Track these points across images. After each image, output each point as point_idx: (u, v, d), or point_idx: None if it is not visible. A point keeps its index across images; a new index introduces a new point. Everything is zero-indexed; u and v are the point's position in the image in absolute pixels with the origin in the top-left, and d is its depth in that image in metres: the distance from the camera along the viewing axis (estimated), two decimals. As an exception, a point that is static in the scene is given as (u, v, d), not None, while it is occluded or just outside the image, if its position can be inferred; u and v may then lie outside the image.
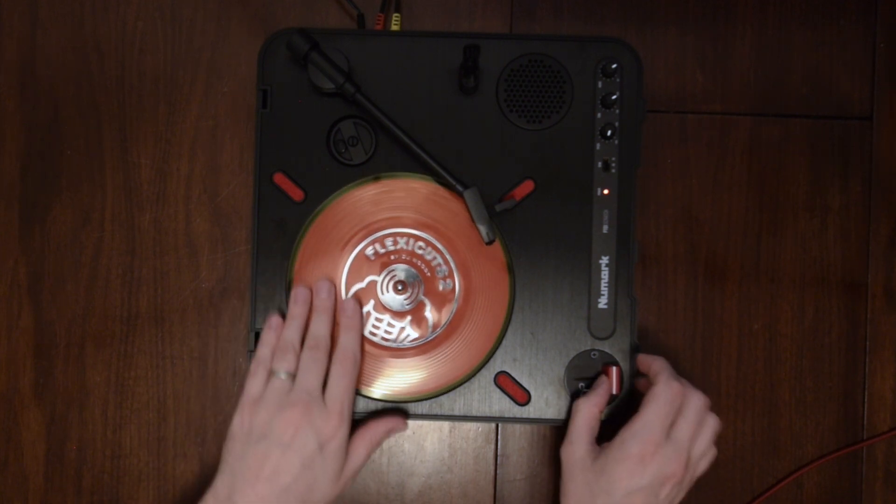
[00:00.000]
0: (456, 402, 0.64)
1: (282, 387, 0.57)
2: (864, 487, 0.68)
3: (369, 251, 0.64)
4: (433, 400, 0.64)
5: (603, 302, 0.64)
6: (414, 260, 0.64)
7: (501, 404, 0.64)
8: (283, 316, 0.62)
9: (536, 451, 0.68)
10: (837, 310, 0.68)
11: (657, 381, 0.57)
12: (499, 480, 0.68)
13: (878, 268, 0.68)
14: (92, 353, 0.67)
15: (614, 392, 0.62)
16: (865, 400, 0.68)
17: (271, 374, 0.58)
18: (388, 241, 0.64)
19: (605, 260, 0.64)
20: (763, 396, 0.68)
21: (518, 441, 0.68)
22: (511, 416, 0.63)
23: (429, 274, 0.64)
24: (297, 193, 0.64)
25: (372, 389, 0.63)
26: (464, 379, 0.63)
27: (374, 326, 0.63)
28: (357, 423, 0.60)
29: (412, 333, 0.64)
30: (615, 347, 0.64)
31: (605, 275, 0.64)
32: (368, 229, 0.64)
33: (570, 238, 0.64)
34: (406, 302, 0.63)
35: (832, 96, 0.68)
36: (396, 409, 0.63)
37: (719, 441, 0.68)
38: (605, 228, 0.64)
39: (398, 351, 0.64)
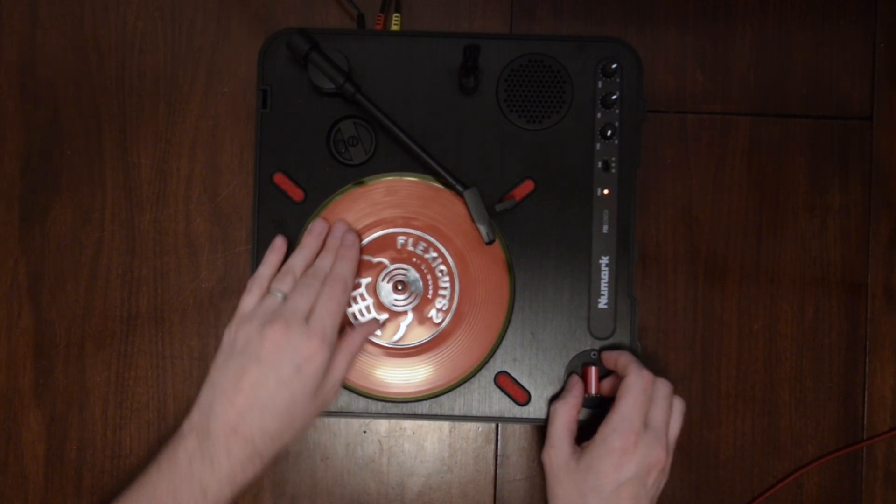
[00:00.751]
0: (456, 402, 0.64)
1: (272, 304, 0.58)
2: (864, 487, 0.68)
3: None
4: (433, 400, 0.64)
5: (603, 302, 0.64)
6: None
7: (501, 404, 0.64)
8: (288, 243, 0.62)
9: (536, 451, 0.68)
10: (837, 310, 0.68)
11: (627, 372, 0.58)
12: (499, 480, 0.68)
13: (878, 268, 0.68)
14: (92, 353, 0.67)
15: (593, 392, 0.62)
16: (865, 400, 0.68)
17: (267, 292, 0.59)
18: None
19: (605, 260, 0.64)
20: (763, 396, 0.68)
21: (518, 441, 0.68)
22: (511, 416, 0.63)
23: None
24: (297, 193, 0.64)
25: (371, 389, 0.63)
26: (464, 379, 0.63)
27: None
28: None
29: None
30: (615, 348, 0.64)
31: (605, 275, 0.64)
32: (368, 229, 0.64)
33: (570, 238, 0.64)
34: (406, 302, 0.63)
35: (832, 96, 0.68)
36: (371, 320, 0.63)
37: (720, 441, 0.68)
38: (605, 228, 0.64)
39: (398, 351, 0.64)
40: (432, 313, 0.63)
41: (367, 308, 0.63)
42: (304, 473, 0.67)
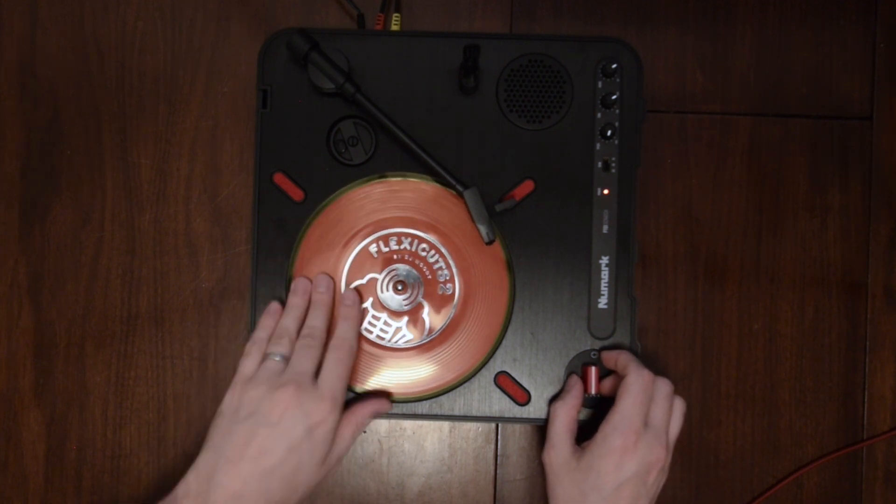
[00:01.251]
0: (456, 402, 0.64)
1: (275, 367, 0.57)
2: (864, 487, 0.68)
3: (369, 251, 0.64)
4: (433, 400, 0.64)
5: (603, 302, 0.64)
6: (414, 260, 0.64)
7: (501, 404, 0.64)
8: (283, 305, 0.62)
9: (536, 451, 0.68)
10: (837, 310, 0.68)
11: (627, 372, 0.58)
12: (499, 480, 0.68)
13: (878, 268, 0.68)
14: (92, 353, 0.67)
15: (593, 392, 0.62)
16: (865, 400, 0.68)
17: (266, 356, 0.58)
18: (388, 241, 0.64)
19: (605, 260, 0.64)
20: (763, 396, 0.68)
21: (518, 441, 0.68)
22: (511, 416, 0.63)
23: (429, 274, 0.64)
24: (297, 193, 0.64)
25: (371, 389, 0.63)
26: (464, 379, 0.63)
27: (371, 325, 0.63)
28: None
29: (411, 333, 0.64)
30: (615, 347, 0.64)
31: (605, 275, 0.64)
32: (368, 229, 0.64)
33: (570, 238, 0.64)
34: (406, 302, 0.63)
35: (832, 96, 0.68)
36: (380, 392, 0.63)
37: (720, 441, 0.68)
38: (605, 228, 0.64)
39: (398, 351, 0.64)
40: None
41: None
42: (304, 473, 0.67)
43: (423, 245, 0.64)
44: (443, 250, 0.64)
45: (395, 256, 0.64)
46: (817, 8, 0.69)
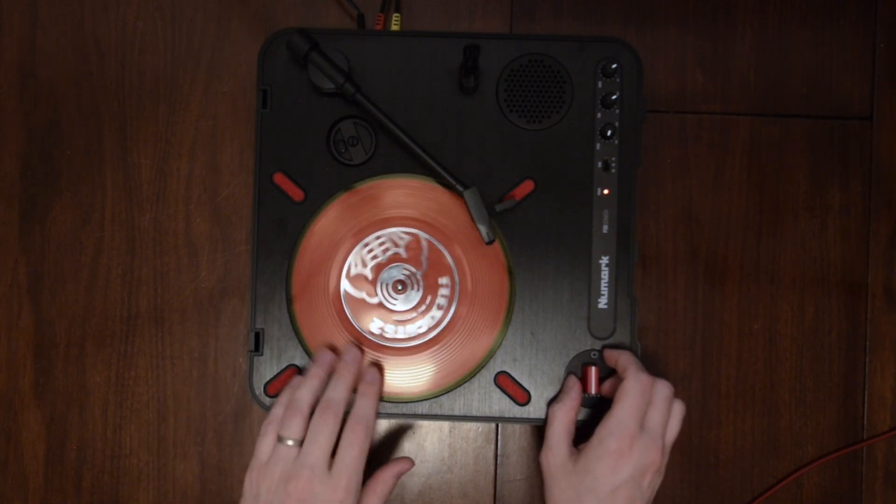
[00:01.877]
0: (456, 402, 0.64)
1: (288, 454, 0.56)
2: (864, 487, 0.68)
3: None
4: (433, 400, 0.64)
5: (603, 302, 0.64)
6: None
7: (501, 404, 0.64)
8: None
9: (536, 451, 0.68)
10: (837, 310, 0.68)
11: (626, 375, 0.58)
12: (499, 480, 0.68)
13: (878, 268, 0.68)
14: (92, 353, 0.67)
15: (593, 392, 0.62)
16: (865, 400, 0.68)
17: (280, 438, 0.57)
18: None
19: (605, 260, 0.64)
20: (763, 396, 0.68)
21: (518, 441, 0.68)
22: (511, 416, 0.63)
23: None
24: (297, 193, 0.64)
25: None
26: (464, 379, 0.63)
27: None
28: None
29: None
30: (616, 347, 0.64)
31: (605, 275, 0.64)
32: (368, 229, 0.64)
33: (570, 238, 0.64)
34: (406, 302, 0.63)
35: (832, 96, 0.68)
36: (402, 457, 0.62)
37: (720, 441, 0.68)
38: (605, 228, 0.64)
39: (398, 351, 0.64)
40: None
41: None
42: (304, 473, 0.67)
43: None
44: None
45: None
46: (817, 8, 0.69)
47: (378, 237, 0.64)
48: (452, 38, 0.64)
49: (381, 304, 0.63)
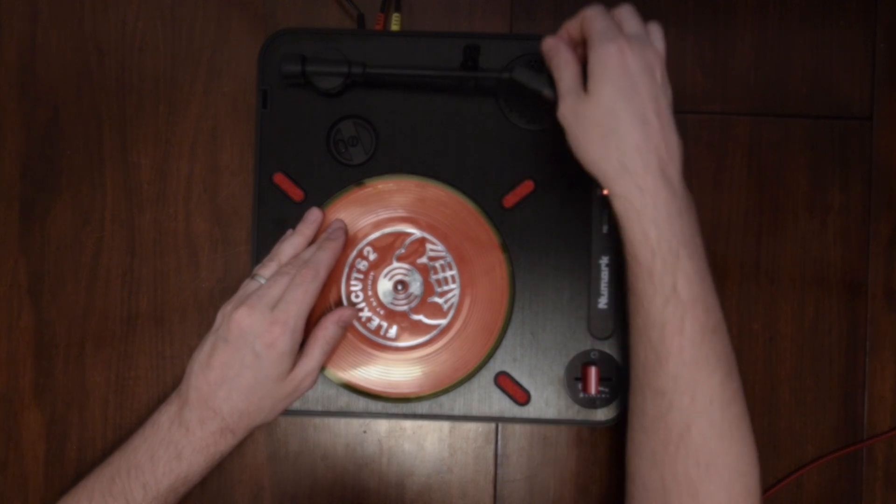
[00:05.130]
0: (456, 402, 0.64)
1: (250, 288, 0.59)
2: (864, 487, 0.68)
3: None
4: (433, 400, 0.64)
5: (603, 302, 0.64)
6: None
7: (501, 404, 0.64)
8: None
9: (536, 451, 0.68)
10: (837, 310, 0.68)
11: (585, 16, 0.54)
12: (499, 480, 0.68)
13: (878, 268, 0.68)
14: (92, 353, 0.67)
15: (593, 393, 0.62)
16: (865, 400, 0.68)
17: (253, 276, 0.60)
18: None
19: (604, 260, 0.64)
20: (763, 396, 0.68)
21: (518, 441, 0.68)
22: (511, 416, 0.63)
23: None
24: (297, 193, 0.64)
25: (371, 389, 0.63)
26: (464, 379, 0.63)
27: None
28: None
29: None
30: (615, 347, 0.64)
31: (604, 275, 0.64)
32: (368, 229, 0.64)
33: (570, 238, 0.64)
34: (406, 301, 0.64)
35: (832, 96, 0.68)
36: (346, 306, 0.63)
37: (719, 441, 0.68)
38: (605, 228, 0.64)
39: (398, 350, 0.64)
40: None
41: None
42: (304, 473, 0.67)
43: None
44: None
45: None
46: (817, 8, 0.69)
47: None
48: (452, 38, 0.64)
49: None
